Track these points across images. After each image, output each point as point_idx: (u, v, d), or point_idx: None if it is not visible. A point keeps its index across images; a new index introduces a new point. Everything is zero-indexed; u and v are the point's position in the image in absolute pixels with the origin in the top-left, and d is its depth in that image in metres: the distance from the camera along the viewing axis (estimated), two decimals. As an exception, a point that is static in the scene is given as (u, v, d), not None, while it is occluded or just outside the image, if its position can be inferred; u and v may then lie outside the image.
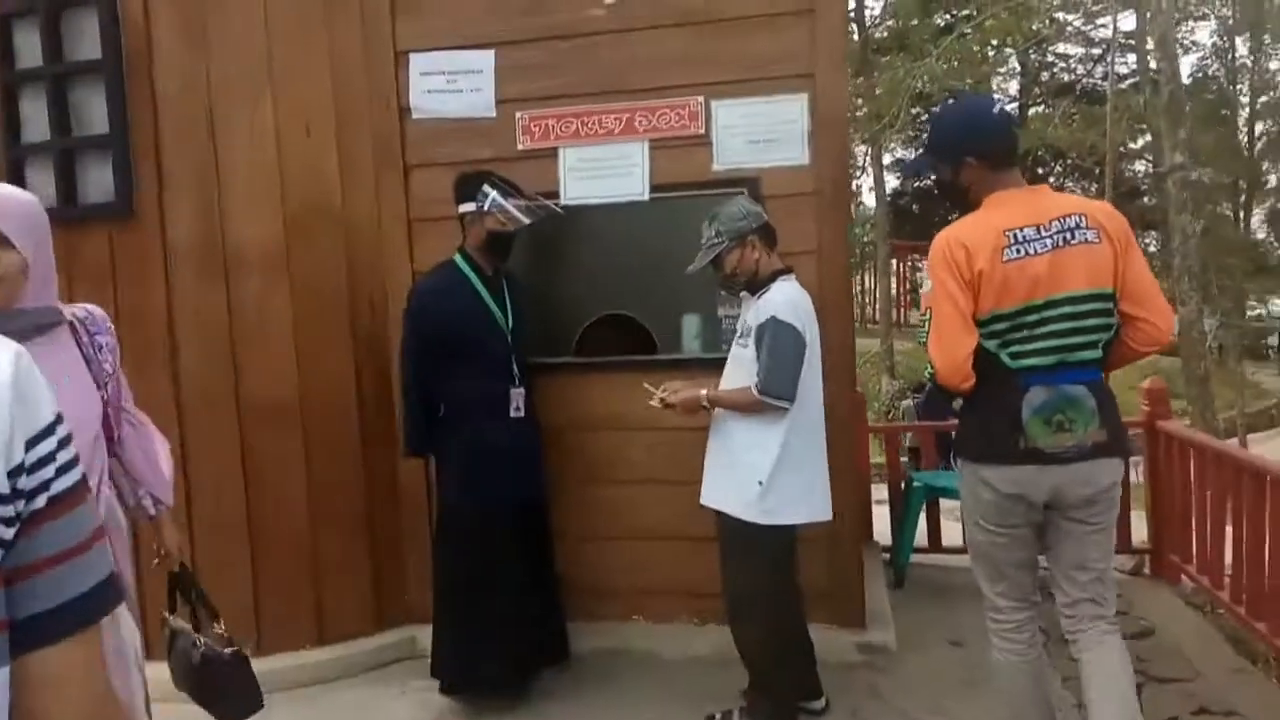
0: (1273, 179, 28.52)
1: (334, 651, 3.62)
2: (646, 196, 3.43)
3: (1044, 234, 2.26)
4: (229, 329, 3.49)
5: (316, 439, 3.58)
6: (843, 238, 3.34)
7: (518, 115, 3.50)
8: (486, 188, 3.13)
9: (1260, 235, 27.28)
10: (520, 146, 3.51)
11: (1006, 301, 2.25)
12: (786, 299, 2.76)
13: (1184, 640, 3.62)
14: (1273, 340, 25.82)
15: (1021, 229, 2.26)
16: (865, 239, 23.84)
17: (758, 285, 2.82)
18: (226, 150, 3.45)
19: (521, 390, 3.25)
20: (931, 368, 2.34)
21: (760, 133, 3.34)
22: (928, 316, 2.33)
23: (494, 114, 3.53)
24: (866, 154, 21.58)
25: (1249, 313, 21.75)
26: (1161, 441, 4.27)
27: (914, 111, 17.92)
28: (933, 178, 2.59)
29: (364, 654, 3.63)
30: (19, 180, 3.47)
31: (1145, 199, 26.83)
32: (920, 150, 2.80)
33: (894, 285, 25.51)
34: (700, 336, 3.48)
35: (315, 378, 3.57)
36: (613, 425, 3.55)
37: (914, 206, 29.34)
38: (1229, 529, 3.67)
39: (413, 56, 3.55)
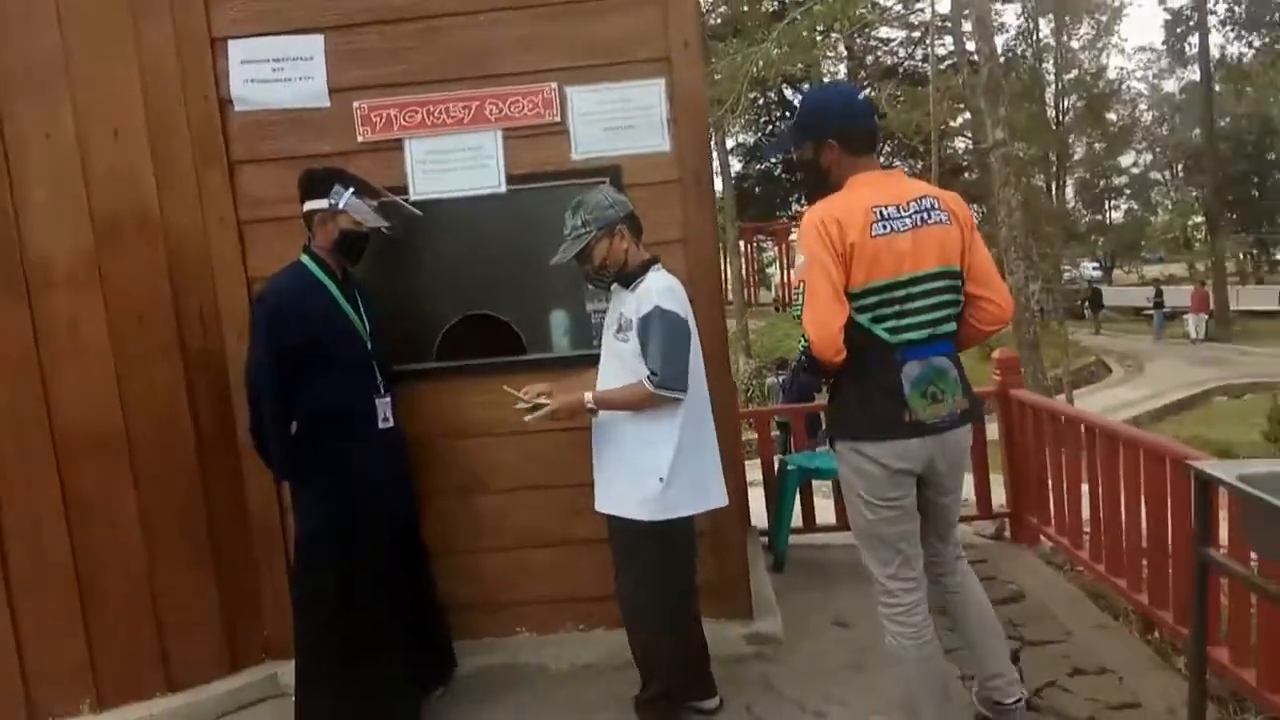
0: (1079, 150, 30.85)
1: (186, 698, 3.29)
2: (503, 189, 3.24)
3: (904, 213, 2.35)
4: (35, 352, 3.08)
5: (147, 469, 3.22)
6: (710, 225, 3.26)
7: (355, 104, 3.23)
8: (339, 185, 2.88)
9: (1071, 204, 29.49)
10: (360, 138, 3.25)
11: (877, 274, 2.32)
12: (666, 287, 2.66)
13: (1050, 602, 3.76)
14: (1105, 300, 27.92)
15: (886, 206, 2.34)
16: (713, 222, 24.13)
17: (629, 277, 2.70)
18: (20, 159, 3.04)
19: (388, 399, 3.02)
20: (805, 342, 2.33)
21: (619, 119, 3.21)
22: (801, 291, 2.33)
23: (328, 103, 3.24)
24: (710, 138, 21.85)
25: (1064, 276, 23.39)
26: (1015, 409, 4.43)
27: (752, 96, 18.30)
28: (793, 156, 2.58)
29: (220, 697, 3.31)
30: None
31: (967, 174, 28.46)
32: (784, 130, 2.74)
33: (743, 266, 26.10)
34: (569, 333, 3.33)
35: (141, 401, 3.20)
36: (482, 431, 3.35)
37: (756, 189, 30.05)
38: (1085, 490, 3.84)
39: (231, 44, 3.22)
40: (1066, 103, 30.17)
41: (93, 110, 3.08)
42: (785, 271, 28.20)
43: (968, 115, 23.96)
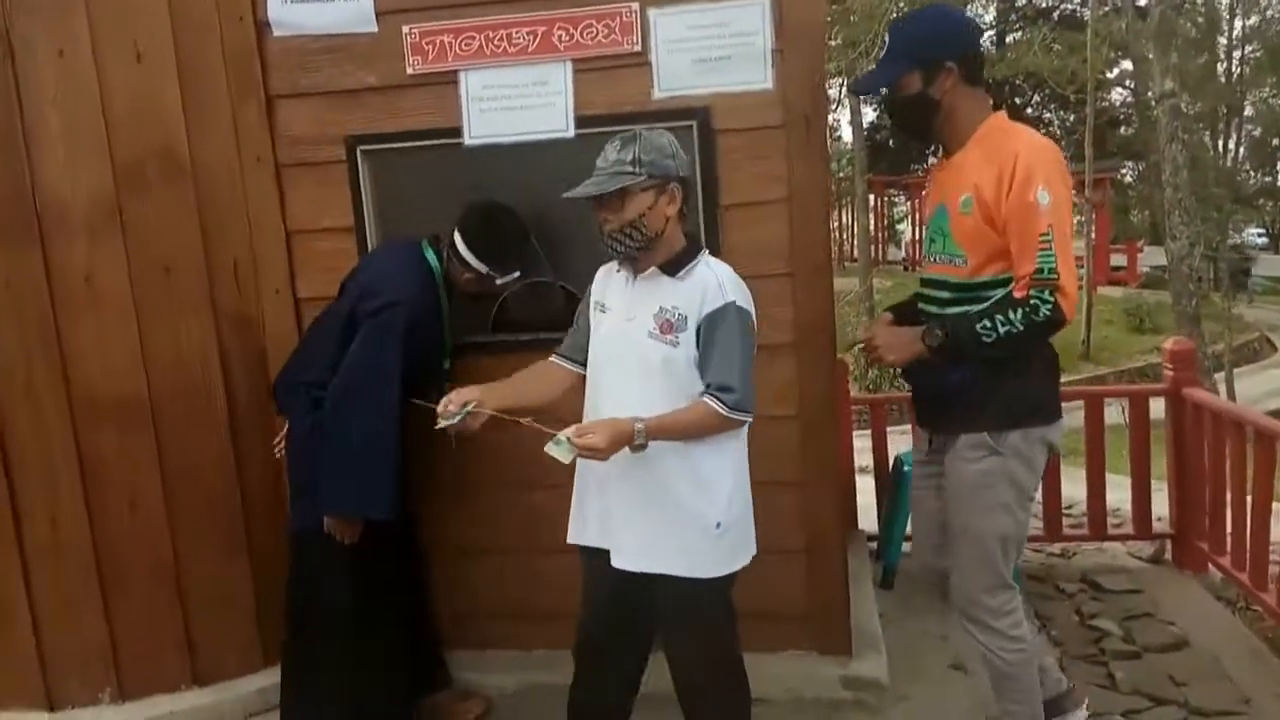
0: (1249, 108, 27.96)
1: (213, 694, 2.99)
2: (571, 133, 2.71)
3: None
4: (50, 306, 2.77)
5: (174, 440, 2.89)
6: (820, 181, 2.65)
7: (405, 30, 2.75)
8: (513, 263, 2.63)
9: (1239, 164, 26.81)
10: (410, 70, 2.77)
11: None
12: (735, 279, 2.11)
13: (1222, 654, 3.06)
14: (1254, 269, 25.53)
15: None
16: (840, 175, 23.10)
17: (675, 260, 2.10)
18: (31, 83, 2.68)
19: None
20: (1050, 300, 2.04)
21: (711, 49, 2.62)
22: (1049, 236, 2.03)
23: (375, 27, 2.77)
24: (842, 85, 20.64)
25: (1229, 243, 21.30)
26: (1189, 411, 3.67)
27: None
28: (883, 95, 2.28)
29: (248, 696, 2.99)
30: None
31: (1124, 129, 26.20)
32: (880, 61, 2.22)
33: (871, 222, 24.81)
34: (643, 307, 2.80)
35: (167, 364, 2.86)
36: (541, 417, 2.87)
37: (890, 142, 28.49)
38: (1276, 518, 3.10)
39: (269, -44, 2.78)
40: (1242, 52, 27.25)
41: (111, 28, 2.70)
42: (916, 229, 26.75)
43: (1127, 65, 21.98)
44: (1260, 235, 32.78)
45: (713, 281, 2.06)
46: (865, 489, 4.25)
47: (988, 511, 2.22)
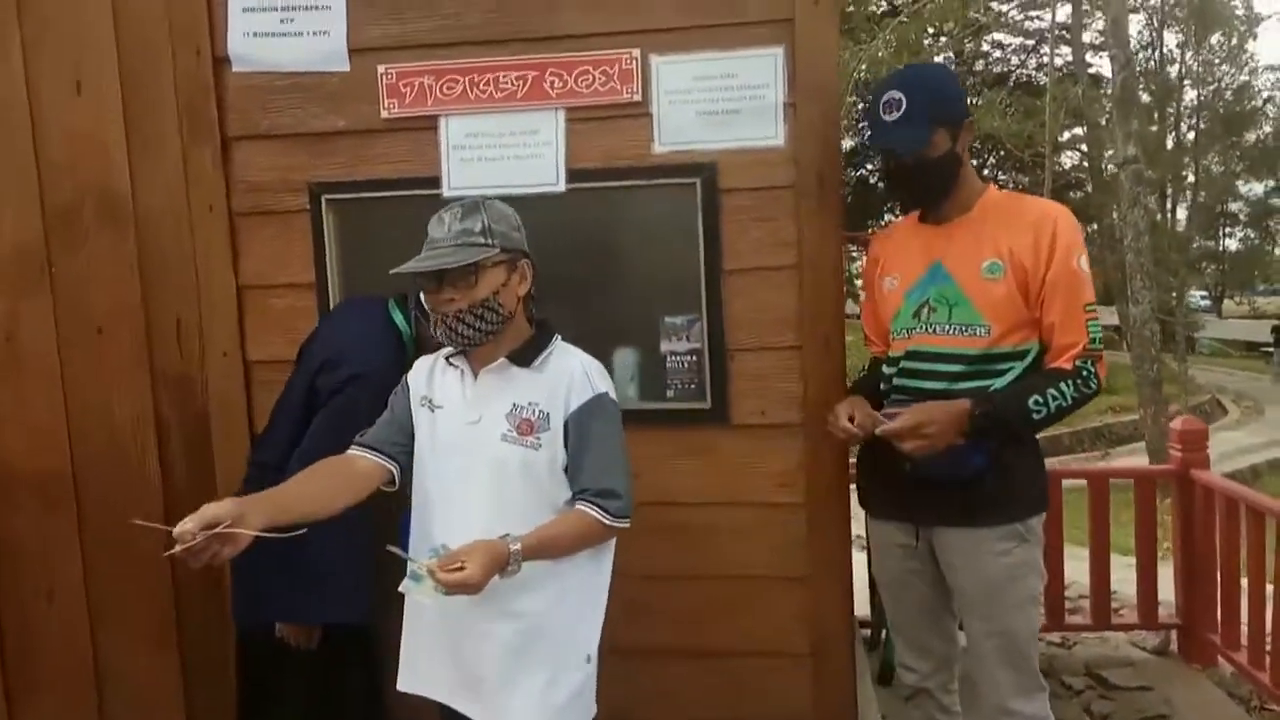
0: (1190, 175, 28.83)
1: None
2: (561, 187, 2.47)
3: None
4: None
5: (98, 517, 2.56)
6: (833, 245, 2.43)
7: (381, 70, 2.50)
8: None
9: (1182, 230, 27.50)
10: (385, 114, 2.51)
11: None
12: (599, 367, 1.88)
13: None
14: (1200, 334, 26.19)
15: None
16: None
17: (529, 349, 1.81)
18: (-49, 111, 2.39)
19: None
20: (1091, 366, 2.00)
21: (718, 101, 2.40)
22: (1094, 305, 2.02)
23: (347, 66, 2.52)
24: (840, 131, 20.83)
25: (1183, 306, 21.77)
26: (1199, 495, 3.49)
27: (851, 99, 17.26)
28: (905, 158, 2.10)
29: (174, 810, 2.62)
30: None
31: (1076, 192, 26.80)
32: (899, 121, 2.06)
33: (830, 277, 24.89)
34: (636, 378, 2.54)
35: (94, 433, 2.54)
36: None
37: (849, 198, 28.85)
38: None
39: (231, -15, 2.52)
40: (1190, 122, 28.16)
41: (49, 56, 2.42)
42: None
43: (1079, 130, 22.54)
44: (1204, 298, 33.75)
45: (577, 370, 1.81)
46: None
47: (1020, 607, 2.09)
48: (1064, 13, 21.21)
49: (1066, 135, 24.33)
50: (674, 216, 2.44)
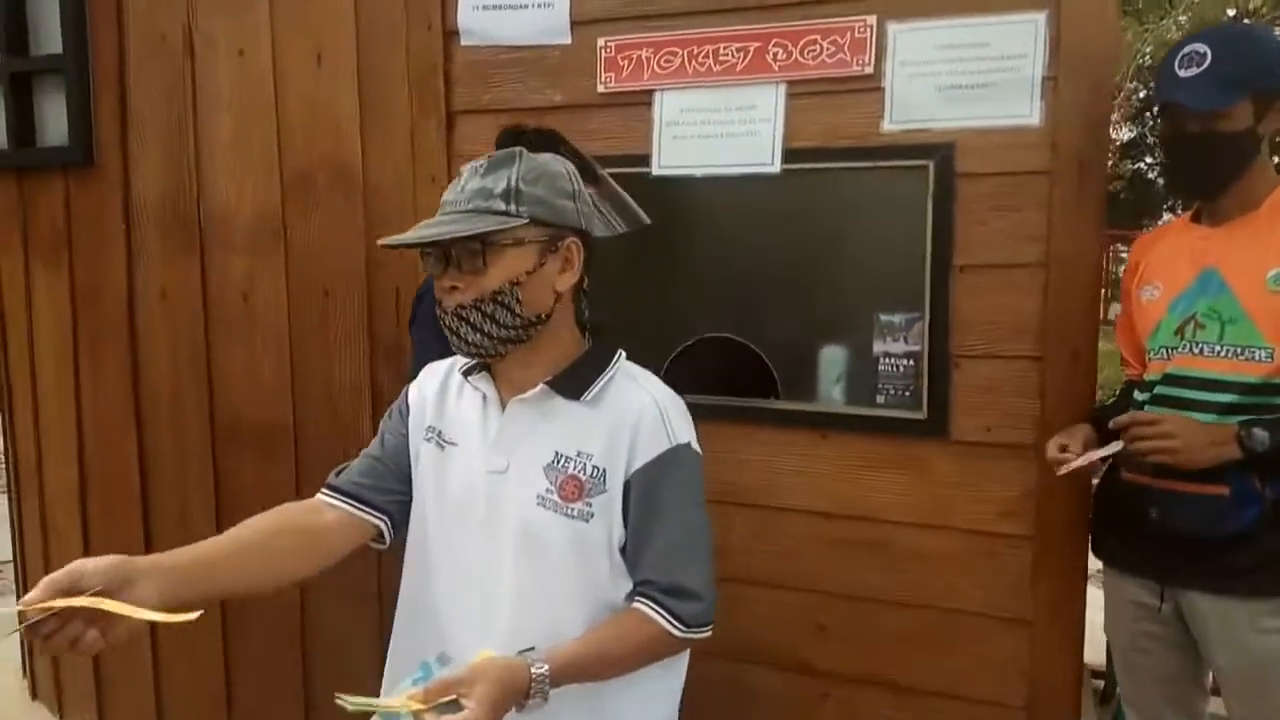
0: None
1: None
2: (777, 167, 2.28)
3: None
4: (204, 322, 2.63)
5: (313, 475, 2.67)
6: (1091, 245, 2.07)
7: (600, 43, 2.42)
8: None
9: None
10: (601, 88, 2.43)
11: None
12: (679, 404, 1.35)
13: None
14: None
15: None
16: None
17: (572, 370, 1.31)
18: (208, 83, 2.57)
19: None
20: None
21: (963, 74, 2.12)
22: None
23: (569, 39, 2.46)
24: (1112, 111, 19.16)
25: None
26: None
27: (1132, 85, 15.66)
28: (1178, 126, 1.78)
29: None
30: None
31: None
32: (1198, 77, 1.71)
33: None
34: (843, 380, 2.33)
35: (316, 391, 2.66)
36: (711, 494, 2.45)
37: (1122, 195, 26.24)
38: None
39: (464, -44, 2.53)
40: None
41: (293, 30, 2.54)
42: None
43: None
44: None
45: (649, 409, 1.28)
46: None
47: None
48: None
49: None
50: (900, 203, 2.19)
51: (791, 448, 2.35)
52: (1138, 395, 1.88)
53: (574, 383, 1.30)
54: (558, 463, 1.28)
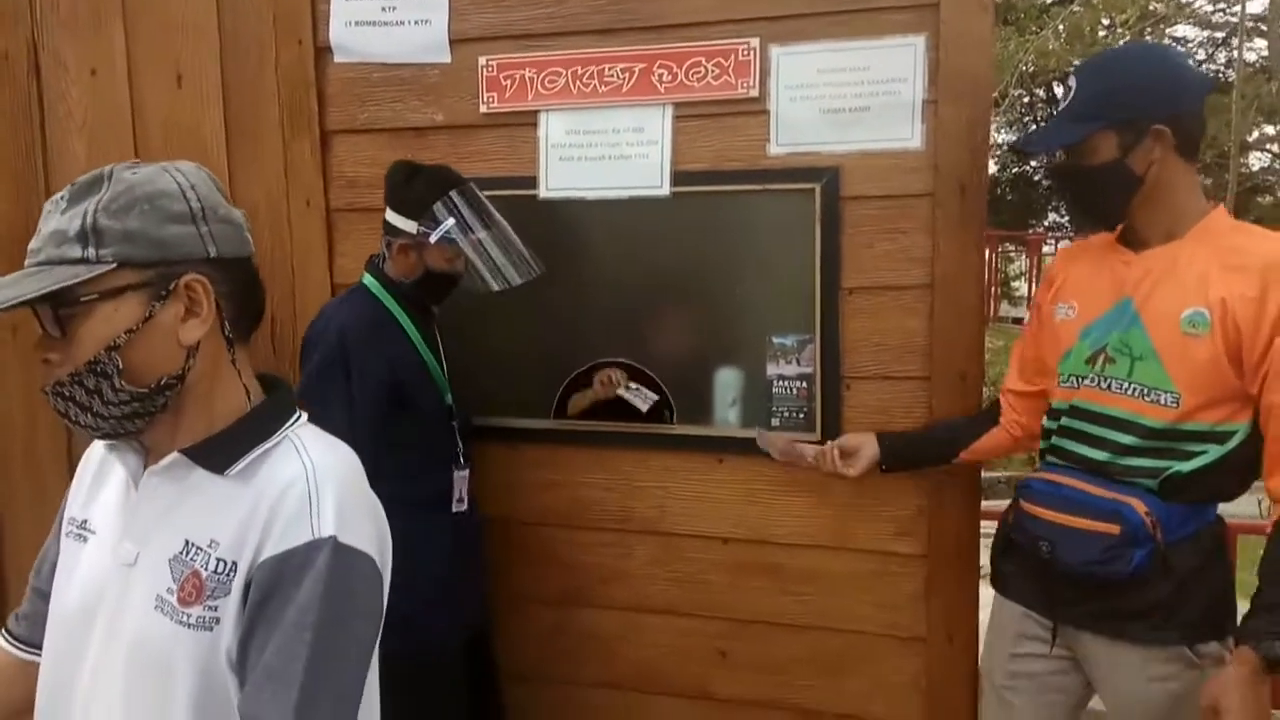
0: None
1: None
2: (666, 190, 2.25)
3: None
4: None
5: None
6: (974, 266, 2.10)
7: (481, 61, 2.34)
8: (441, 208, 2.03)
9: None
10: (483, 108, 2.35)
11: None
12: (353, 480, 1.04)
13: None
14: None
15: None
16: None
17: (227, 436, 1.02)
18: (58, 105, 2.38)
19: (466, 473, 2.17)
20: None
21: (845, 98, 2.13)
22: None
23: (448, 58, 2.37)
24: (990, 132, 19.86)
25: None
26: None
27: (1016, 93, 16.32)
28: (1060, 157, 1.75)
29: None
30: None
31: (1265, 196, 24.57)
32: (1059, 114, 1.72)
33: (985, 275, 23.69)
34: (738, 403, 2.30)
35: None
36: (600, 523, 2.41)
37: (1009, 195, 27.33)
38: None
39: (336, -29, 2.42)
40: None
41: (151, 48, 2.39)
42: (1032, 286, 25.50)
43: (1270, 129, 20.64)
44: None
45: (296, 484, 0.98)
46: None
47: None
48: (1259, 3, 19.43)
49: (1255, 135, 22.33)
50: (789, 226, 2.18)
51: (688, 473, 2.32)
52: (1046, 422, 1.81)
53: (221, 451, 1.00)
54: (185, 554, 0.98)
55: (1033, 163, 25.13)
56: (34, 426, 2.49)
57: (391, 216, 2.08)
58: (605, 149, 2.29)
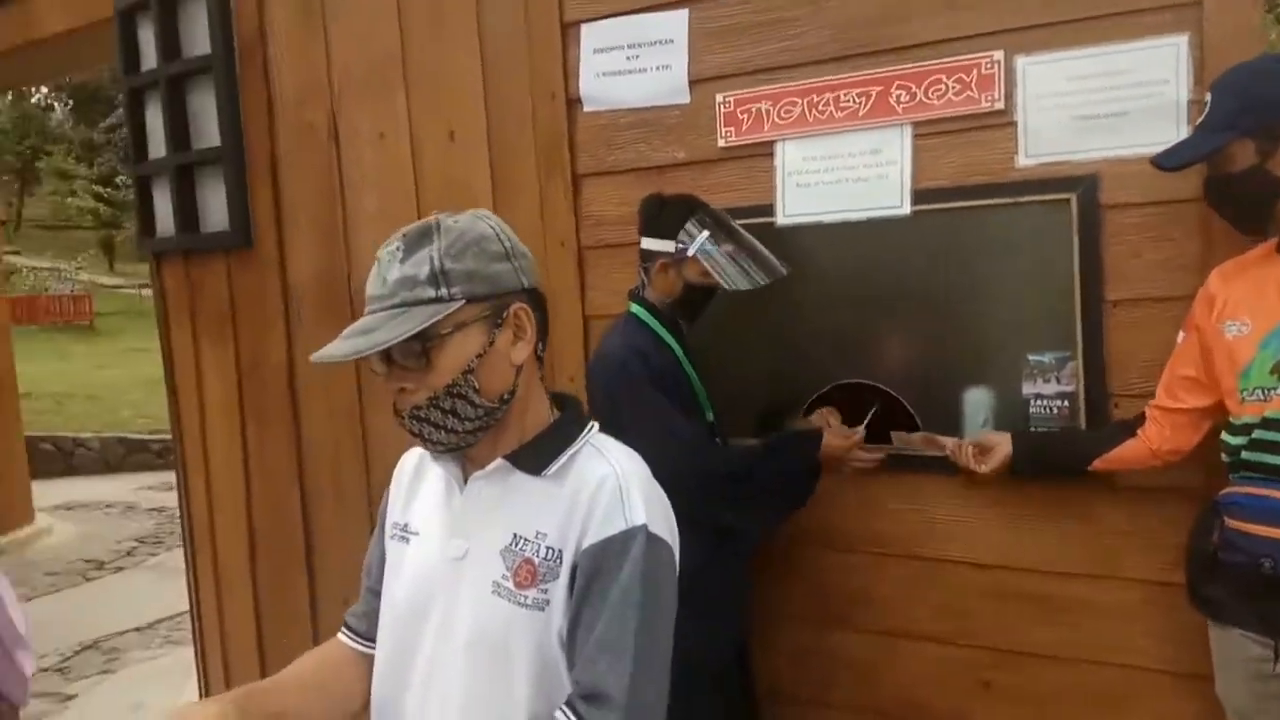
0: None
1: None
2: (907, 209, 2.25)
3: None
4: (357, 388, 2.76)
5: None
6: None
7: (718, 99, 2.45)
8: (693, 225, 2.16)
9: None
10: (721, 143, 2.46)
11: None
12: (650, 480, 1.17)
13: None
14: None
15: None
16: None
17: (536, 443, 1.18)
18: (353, 166, 2.73)
19: None
20: None
21: (1099, 103, 2.05)
22: None
23: (688, 99, 2.50)
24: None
25: None
26: None
27: None
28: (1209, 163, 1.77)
29: None
30: (146, 202, 2.97)
31: None
32: (1196, 128, 1.78)
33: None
34: (989, 423, 2.23)
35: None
36: (853, 545, 2.40)
37: None
38: None
39: (584, 28, 2.61)
40: None
41: (429, 108, 2.68)
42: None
43: None
44: None
45: (609, 482, 1.11)
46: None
47: None
48: None
49: None
50: (1043, 238, 2.11)
51: (941, 495, 2.28)
52: (1230, 439, 1.76)
53: (536, 456, 1.16)
54: (515, 545, 1.12)
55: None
56: (339, 452, 2.82)
57: (648, 243, 2.22)
58: (842, 172, 2.32)
